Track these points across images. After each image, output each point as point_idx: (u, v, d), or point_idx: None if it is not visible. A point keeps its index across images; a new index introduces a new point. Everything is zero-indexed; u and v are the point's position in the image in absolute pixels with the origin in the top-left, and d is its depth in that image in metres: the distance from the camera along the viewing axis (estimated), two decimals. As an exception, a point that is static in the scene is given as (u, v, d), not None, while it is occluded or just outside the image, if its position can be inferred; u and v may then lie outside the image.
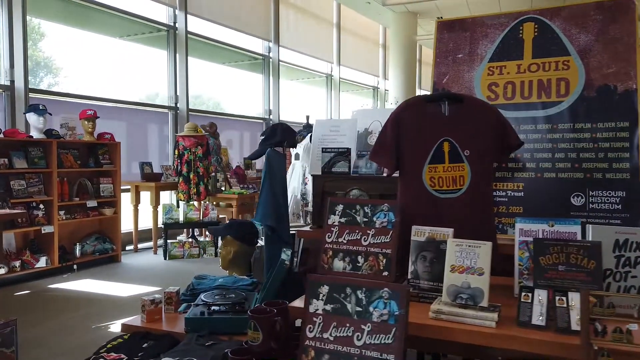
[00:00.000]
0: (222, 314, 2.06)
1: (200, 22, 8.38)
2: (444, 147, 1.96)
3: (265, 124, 10.04)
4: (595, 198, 1.99)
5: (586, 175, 2.03)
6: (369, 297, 1.45)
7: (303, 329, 1.52)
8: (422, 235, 1.83)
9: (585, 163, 2.04)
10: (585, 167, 2.03)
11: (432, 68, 2.40)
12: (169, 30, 7.88)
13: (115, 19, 7.21)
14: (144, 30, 7.76)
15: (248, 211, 7.13)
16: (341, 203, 2.02)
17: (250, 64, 10.00)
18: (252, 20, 9.50)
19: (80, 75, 7.09)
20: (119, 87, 7.40)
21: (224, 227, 2.75)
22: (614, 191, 1.97)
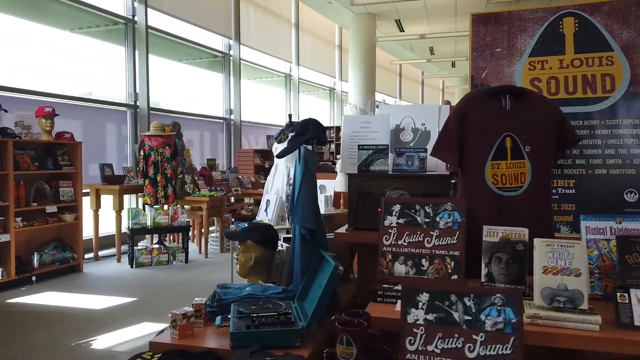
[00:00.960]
0: (269, 327, 1.87)
1: (159, 16, 7.97)
2: (506, 142, 1.89)
3: (225, 124, 9.72)
4: (649, 194, 1.99)
5: (638, 172, 2.02)
6: (479, 304, 1.34)
7: (402, 342, 1.38)
8: (495, 236, 1.74)
9: (637, 159, 2.03)
10: (636, 163, 2.03)
11: (469, 62, 2.33)
12: (127, 23, 7.42)
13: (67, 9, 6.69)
14: (99, 23, 7.26)
15: (218, 214, 6.84)
16: (398, 203, 1.89)
17: (210, 62, 9.64)
18: (213, 16, 9.17)
19: (29, 70, 6.52)
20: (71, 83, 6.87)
21: (243, 230, 2.54)
22: (668, 187, 1.97)
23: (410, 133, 2.39)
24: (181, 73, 9.21)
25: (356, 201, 2.26)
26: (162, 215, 6.11)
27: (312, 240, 2.20)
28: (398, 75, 17.48)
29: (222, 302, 2.18)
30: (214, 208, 6.69)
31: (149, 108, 7.56)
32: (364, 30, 11.12)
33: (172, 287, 5.09)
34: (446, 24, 11.60)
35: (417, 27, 11.92)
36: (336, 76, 13.95)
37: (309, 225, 2.11)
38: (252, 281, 2.49)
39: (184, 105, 8.79)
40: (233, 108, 9.76)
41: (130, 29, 7.44)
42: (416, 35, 11.79)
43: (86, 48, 7.23)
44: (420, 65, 17.39)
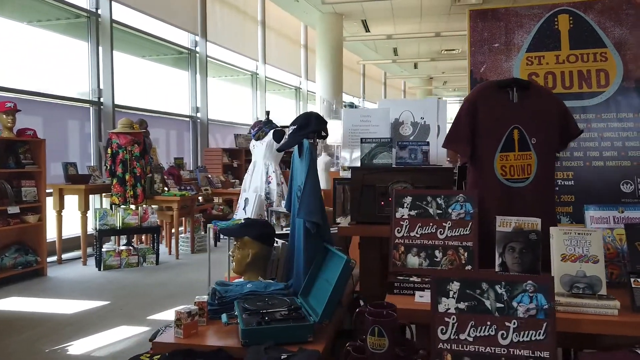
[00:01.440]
0: (281, 322, 1.83)
1: (124, 10, 7.71)
2: (514, 134, 1.92)
3: (192, 122, 9.52)
4: (645, 185, 2.06)
5: (633, 163, 2.10)
6: (511, 291, 1.34)
7: (433, 331, 1.37)
8: (509, 226, 1.76)
9: (632, 151, 2.11)
10: (631, 155, 2.11)
11: (467, 57, 2.35)
12: (90, 17, 7.13)
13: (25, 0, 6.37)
14: (59, 16, 6.95)
15: (188, 214, 6.68)
16: (410, 195, 1.89)
17: (175, 58, 9.42)
18: (179, 11, 8.96)
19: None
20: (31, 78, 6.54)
21: (239, 226, 2.47)
22: (661, 178, 2.05)
23: (409, 127, 2.40)
24: (145, 69, 8.94)
25: (359, 195, 2.24)
26: (132, 215, 5.90)
27: (316, 235, 2.17)
28: (362, 75, 17.64)
29: (223, 300, 2.11)
30: (184, 208, 6.53)
31: (113, 105, 7.30)
32: (332, 30, 11.15)
33: (145, 290, 4.93)
34: (411, 25, 11.79)
35: (383, 27, 12.06)
36: (302, 75, 13.92)
37: (315, 219, 2.07)
38: (249, 278, 2.43)
39: (150, 102, 8.53)
40: (200, 106, 9.56)
41: (93, 22, 7.16)
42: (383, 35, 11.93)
43: (46, 42, 6.90)
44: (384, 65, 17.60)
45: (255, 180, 4.89)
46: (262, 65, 11.86)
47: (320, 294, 2.00)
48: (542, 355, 1.29)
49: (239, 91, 11.79)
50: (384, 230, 2.17)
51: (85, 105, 7.17)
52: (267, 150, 4.85)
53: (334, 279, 1.87)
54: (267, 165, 4.87)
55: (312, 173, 2.11)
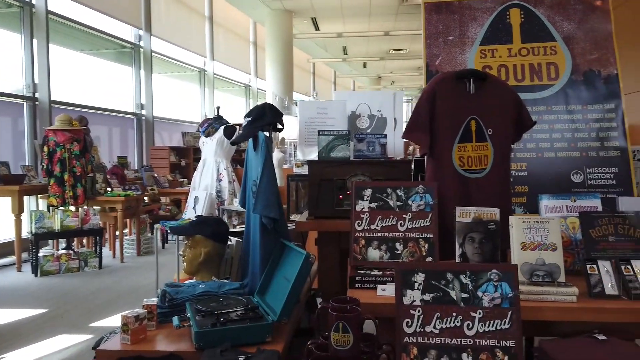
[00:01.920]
0: (238, 323, 1.73)
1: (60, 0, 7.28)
2: (471, 125, 1.91)
3: (136, 119, 9.15)
4: (593, 175, 2.12)
5: (582, 154, 2.16)
6: (476, 281, 1.32)
7: (399, 325, 1.32)
8: (468, 216, 1.75)
9: (580, 142, 2.16)
10: (580, 146, 2.16)
11: (423, 49, 2.34)
12: (24, 7, 6.69)
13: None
14: (-12, 5, 6.48)
15: (133, 215, 6.39)
16: (369, 187, 1.84)
17: (118, 53, 9.01)
18: (121, 3, 8.57)
19: None
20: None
21: (191, 224, 2.35)
22: (608, 168, 2.12)
23: (366, 119, 2.36)
24: (86, 64, 8.50)
25: (317, 189, 2.18)
26: (72, 217, 5.58)
27: (273, 231, 2.09)
28: (312, 74, 17.62)
29: (174, 302, 1.99)
30: (129, 209, 6.25)
31: (50, 101, 6.88)
32: (281, 27, 11.05)
33: (87, 296, 4.65)
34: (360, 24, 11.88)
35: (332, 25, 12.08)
36: (252, 73, 13.72)
37: (272, 215, 1.99)
38: (201, 278, 2.32)
39: (91, 99, 8.12)
40: (144, 103, 9.20)
41: (27, 13, 6.71)
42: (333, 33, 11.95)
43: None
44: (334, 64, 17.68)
45: (206, 178, 4.74)
46: (210, 62, 11.58)
47: (278, 292, 1.92)
48: (508, 344, 1.27)
49: (186, 88, 11.46)
50: (343, 225, 2.12)
51: (18, 101, 6.71)
52: (218, 147, 4.71)
53: (293, 275, 1.80)
54: (218, 163, 4.72)
55: (268, 166, 2.03)
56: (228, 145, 4.72)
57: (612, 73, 2.21)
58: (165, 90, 10.34)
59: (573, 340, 1.40)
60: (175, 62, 10.61)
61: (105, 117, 8.50)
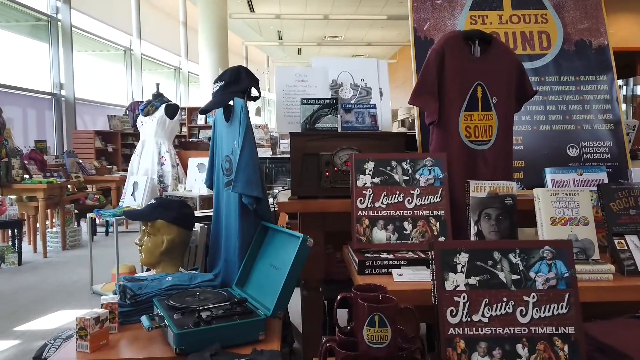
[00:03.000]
0: (225, 320, 1.45)
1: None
2: (477, 92, 1.75)
3: (54, 100, 8.29)
4: (588, 148, 2.04)
5: (577, 127, 2.07)
6: (527, 260, 1.14)
7: (441, 315, 1.12)
8: (483, 191, 1.58)
9: (575, 115, 2.08)
10: (575, 119, 2.07)
11: (409, 13, 2.15)
12: None
13: None
14: None
15: (57, 205, 5.75)
16: (372, 160, 1.62)
17: (32, 26, 8.09)
18: (36, -30, 7.67)
19: None
20: None
21: (150, 208, 2.00)
22: (602, 141, 2.04)
23: (349, 89, 2.13)
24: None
25: (300, 165, 1.92)
26: (-16, 207, 4.89)
27: (254, 213, 1.81)
28: (245, 59, 17.03)
29: (137, 299, 1.67)
30: (51, 198, 5.60)
31: (-48, 76, 6.00)
32: (215, 7, 10.49)
33: (8, 296, 4.08)
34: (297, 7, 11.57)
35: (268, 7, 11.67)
36: (182, 55, 12.99)
37: (255, 193, 1.72)
38: (164, 270, 1.99)
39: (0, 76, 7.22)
40: (64, 82, 8.36)
41: None
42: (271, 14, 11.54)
43: None
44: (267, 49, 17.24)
45: (146, 162, 4.29)
46: (137, 41, 10.78)
47: (266, 283, 1.66)
48: (567, 331, 1.11)
49: (111, 68, 10.60)
50: (331, 205, 1.89)
51: None
52: (159, 127, 4.28)
53: (288, 262, 1.54)
54: (159, 145, 4.29)
55: (249, 138, 1.75)
56: (170, 125, 4.31)
57: (603, 44, 2.14)
58: (87, 70, 9.48)
59: (617, 322, 1.27)
60: (99, 40, 9.75)
61: (18, 97, 7.61)
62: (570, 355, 1.09)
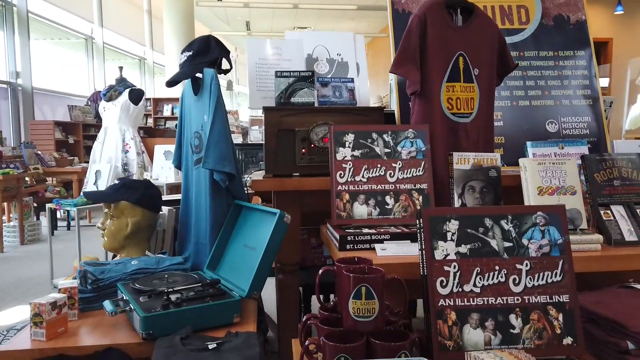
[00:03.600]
0: (197, 302, 1.35)
1: None
2: (459, 62, 1.68)
3: (10, 89, 7.89)
4: (567, 124, 2.02)
5: (556, 103, 2.04)
6: (519, 226, 1.08)
7: (431, 286, 1.05)
8: (467, 163, 1.52)
9: (554, 90, 2.05)
10: (554, 94, 2.04)
11: (387, -17, 2.07)
12: None
13: None
14: None
15: (14, 198, 5.46)
16: (352, 132, 1.54)
17: (-16, 11, 7.66)
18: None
19: None
20: None
21: (113, 189, 1.86)
22: (581, 117, 2.02)
23: (325, 64, 2.04)
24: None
25: (275, 141, 1.82)
26: None
27: (226, 191, 1.70)
28: (211, 50, 16.60)
29: (100, 284, 1.54)
30: (8, 190, 5.31)
31: None
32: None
33: (-40, 292, 3.83)
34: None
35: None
36: (147, 45, 12.60)
37: (228, 169, 1.61)
38: (129, 255, 1.87)
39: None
40: (20, 71, 7.96)
41: None
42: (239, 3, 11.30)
43: None
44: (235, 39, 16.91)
45: (109, 149, 4.09)
46: (99, 29, 10.38)
47: (239, 264, 1.56)
48: (562, 300, 1.05)
49: (72, 57, 10.17)
50: (309, 183, 1.80)
51: None
52: (123, 112, 4.08)
53: (263, 240, 1.45)
54: (123, 131, 4.10)
55: (220, 110, 1.64)
56: (135, 111, 4.12)
57: (581, 19, 2.11)
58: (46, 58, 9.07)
59: (607, 292, 1.24)
60: (58, 27, 9.33)
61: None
62: (564, 325, 1.04)
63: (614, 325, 1.08)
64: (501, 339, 1.02)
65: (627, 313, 1.10)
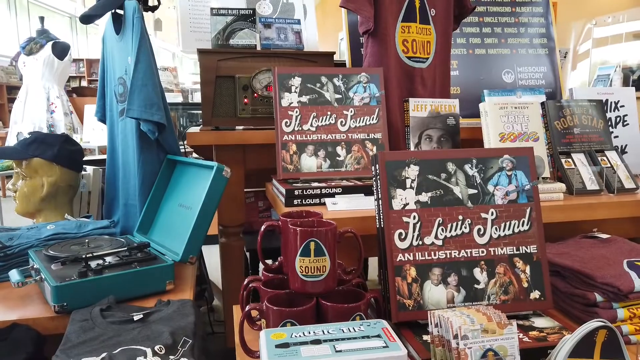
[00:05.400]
0: (121, 269, 1.17)
1: None
2: (415, 0, 1.54)
3: None
4: (523, 74, 1.94)
5: (512, 52, 1.95)
6: (484, 172, 0.97)
7: (389, 239, 0.92)
8: (424, 110, 1.40)
9: (510, 39, 1.95)
10: (510, 42, 1.94)
11: None
12: None
13: None
14: None
15: None
16: (298, 75, 1.38)
17: None
18: None
19: None
20: None
21: (23, 144, 1.60)
22: (537, 67, 1.94)
23: (268, 4, 1.84)
24: None
25: (212, 89, 1.63)
26: None
27: (154, 143, 1.50)
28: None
29: (8, 252, 1.33)
30: None
31: None
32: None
33: None
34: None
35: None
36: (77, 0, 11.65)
37: (157, 118, 1.40)
38: (47, 220, 1.64)
39: None
40: None
41: None
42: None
43: None
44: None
45: (32, 110, 3.70)
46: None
47: (174, 226, 1.39)
48: (529, 250, 0.96)
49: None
50: (251, 136, 1.63)
51: None
52: (46, 68, 3.69)
53: (200, 198, 1.27)
54: (47, 89, 3.71)
55: (145, 49, 1.42)
56: (60, 67, 3.73)
57: (538, -37, 2.01)
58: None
59: (570, 242, 1.16)
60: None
61: None
62: (532, 277, 0.95)
63: (580, 277, 1.01)
64: (465, 295, 0.92)
65: (592, 264, 1.03)
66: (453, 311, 0.78)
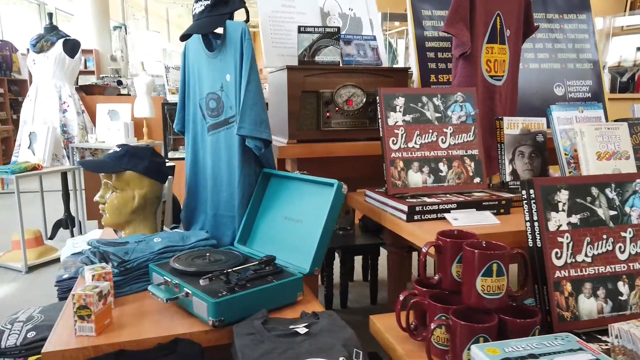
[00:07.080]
0: (261, 283, 1.23)
1: None
2: (497, 23, 1.64)
3: None
4: (572, 87, 2.07)
5: (562, 66, 2.08)
6: (622, 195, 1.08)
7: (547, 258, 1.02)
8: (516, 127, 1.51)
9: (560, 54, 2.08)
10: (560, 57, 2.08)
11: None
12: None
13: None
14: None
15: None
16: (401, 95, 1.46)
17: None
18: None
19: None
20: None
21: (114, 157, 1.61)
22: (584, 80, 2.08)
23: (338, 19, 1.90)
24: None
25: (298, 104, 1.68)
26: None
27: (255, 159, 1.55)
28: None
29: (127, 266, 1.36)
30: None
31: None
32: None
33: None
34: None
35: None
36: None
37: (265, 135, 1.45)
38: (135, 231, 1.66)
39: None
40: None
41: None
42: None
43: None
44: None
45: (43, 109, 3.60)
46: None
47: (281, 237, 1.46)
48: (663, 265, 1.08)
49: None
50: (336, 149, 1.70)
51: None
52: (57, 67, 3.59)
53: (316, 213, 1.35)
54: (59, 88, 3.62)
55: (255, 71, 1.46)
56: (71, 65, 3.64)
57: (580, -19, 2.15)
58: None
59: None
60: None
61: None
62: (664, 288, 1.07)
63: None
64: (612, 306, 1.04)
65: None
66: (627, 324, 0.89)
